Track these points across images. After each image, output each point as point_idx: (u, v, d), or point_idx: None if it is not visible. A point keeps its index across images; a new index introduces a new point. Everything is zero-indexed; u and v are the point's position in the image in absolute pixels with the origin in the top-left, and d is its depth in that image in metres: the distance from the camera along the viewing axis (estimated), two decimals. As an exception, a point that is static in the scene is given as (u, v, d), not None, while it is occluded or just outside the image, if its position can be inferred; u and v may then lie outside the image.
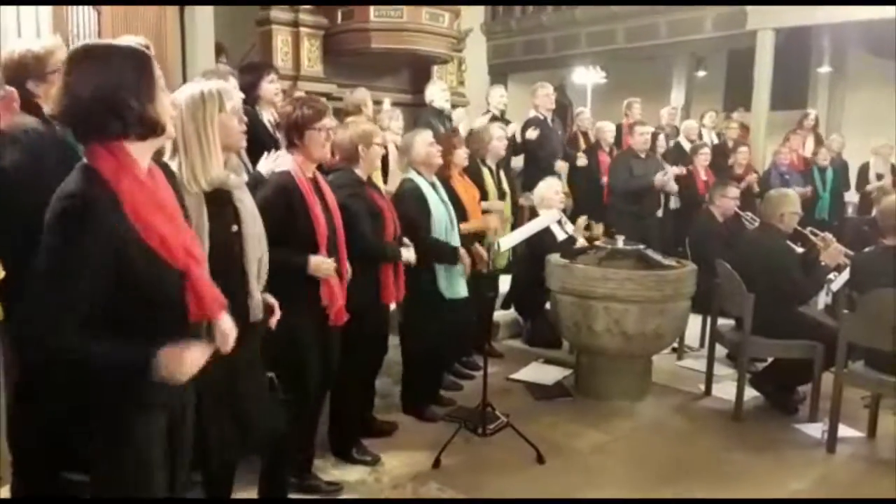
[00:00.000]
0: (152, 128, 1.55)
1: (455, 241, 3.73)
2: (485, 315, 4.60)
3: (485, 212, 4.41)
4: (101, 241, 1.45)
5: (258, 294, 2.29)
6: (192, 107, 2.12)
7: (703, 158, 6.59)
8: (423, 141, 3.73)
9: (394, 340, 3.94)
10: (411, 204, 3.60)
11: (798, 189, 6.99)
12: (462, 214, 3.98)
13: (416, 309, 3.70)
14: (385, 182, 4.37)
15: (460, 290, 3.74)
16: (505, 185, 4.93)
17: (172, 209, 1.62)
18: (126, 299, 1.51)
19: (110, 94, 1.49)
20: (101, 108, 1.48)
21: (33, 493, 2.59)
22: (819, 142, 8.34)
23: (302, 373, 2.73)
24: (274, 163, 2.80)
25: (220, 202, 2.19)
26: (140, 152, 1.57)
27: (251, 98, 3.90)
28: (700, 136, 7.79)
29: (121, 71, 1.51)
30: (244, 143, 2.35)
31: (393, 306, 3.52)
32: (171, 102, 1.65)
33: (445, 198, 3.78)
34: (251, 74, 4.09)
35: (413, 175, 3.71)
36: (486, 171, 4.71)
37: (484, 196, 4.56)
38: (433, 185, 3.74)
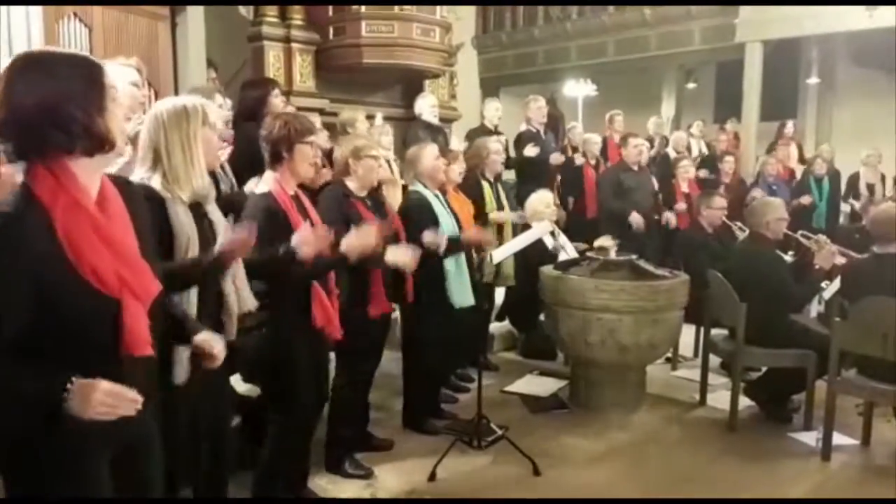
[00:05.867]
0: (100, 142, 1.43)
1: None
2: (480, 327, 4.59)
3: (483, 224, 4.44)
4: (22, 267, 1.34)
5: (235, 314, 2.23)
6: (176, 118, 2.08)
7: (684, 170, 6.59)
8: (430, 154, 3.82)
9: (394, 354, 3.94)
10: (417, 215, 3.63)
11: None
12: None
13: (424, 319, 3.69)
14: None
15: (468, 298, 3.76)
16: (504, 199, 4.95)
17: (116, 234, 1.47)
18: (50, 327, 1.39)
19: (54, 104, 1.38)
20: (42, 119, 1.37)
21: None
22: (801, 151, 8.41)
23: (294, 389, 2.70)
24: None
25: (197, 216, 2.15)
26: (88, 170, 1.45)
27: (260, 114, 3.86)
28: (689, 146, 7.83)
29: (67, 80, 1.40)
30: (221, 160, 2.33)
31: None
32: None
33: (448, 209, 3.85)
34: (258, 90, 3.99)
35: (419, 187, 3.79)
36: (485, 185, 4.75)
37: (482, 210, 4.59)
38: (437, 197, 3.81)
